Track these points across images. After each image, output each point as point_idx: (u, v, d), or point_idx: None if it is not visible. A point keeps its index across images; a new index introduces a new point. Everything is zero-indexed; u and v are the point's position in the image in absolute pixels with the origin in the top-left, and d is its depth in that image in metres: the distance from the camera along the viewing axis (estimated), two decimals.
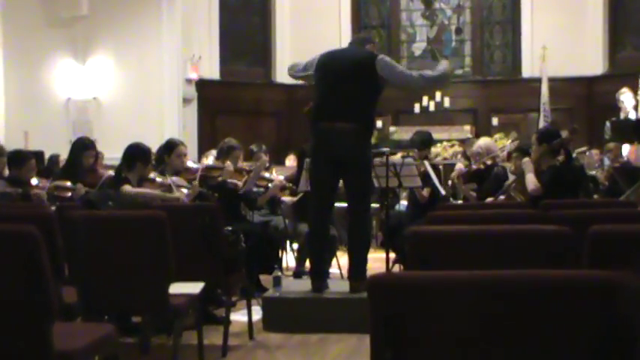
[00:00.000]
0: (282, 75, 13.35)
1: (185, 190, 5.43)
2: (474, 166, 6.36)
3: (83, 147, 5.98)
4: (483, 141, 6.72)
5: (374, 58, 5.05)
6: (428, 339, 1.70)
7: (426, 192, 6.29)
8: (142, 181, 5.10)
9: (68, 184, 5.52)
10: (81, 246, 3.62)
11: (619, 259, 2.54)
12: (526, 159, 5.48)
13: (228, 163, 6.04)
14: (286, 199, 6.99)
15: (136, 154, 5.09)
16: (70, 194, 5.47)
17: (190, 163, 6.12)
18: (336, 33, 13.07)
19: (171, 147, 5.85)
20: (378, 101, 5.13)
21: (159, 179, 5.28)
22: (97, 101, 10.98)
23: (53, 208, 4.86)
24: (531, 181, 5.29)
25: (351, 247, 5.13)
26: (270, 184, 6.43)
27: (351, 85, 4.95)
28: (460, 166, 6.54)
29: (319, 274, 5.14)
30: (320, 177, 5.06)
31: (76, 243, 3.65)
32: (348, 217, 5.14)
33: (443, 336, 1.70)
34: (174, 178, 5.49)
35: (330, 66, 5.06)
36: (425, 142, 6.76)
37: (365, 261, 5.09)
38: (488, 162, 6.32)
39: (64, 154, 8.08)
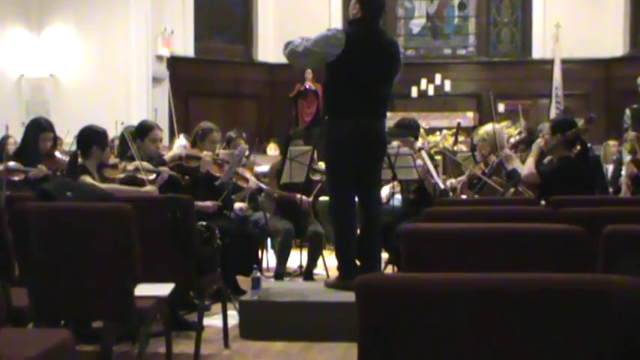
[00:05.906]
0: (264, 53, 13.35)
1: (152, 176, 5.40)
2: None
3: (39, 128, 5.91)
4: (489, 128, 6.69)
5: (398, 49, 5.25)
6: (422, 348, 1.71)
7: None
8: (102, 167, 5.07)
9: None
10: (34, 242, 3.60)
11: (637, 263, 2.55)
12: (538, 140, 5.48)
13: (206, 153, 6.01)
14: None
15: (90, 137, 5.05)
16: (22, 177, 5.43)
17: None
18: (325, 6, 13.07)
19: (145, 130, 5.82)
20: None
21: (121, 166, 5.25)
22: (55, 79, 10.90)
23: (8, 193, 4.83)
24: (527, 166, 5.29)
25: (373, 239, 5.24)
26: (245, 186, 6.40)
27: (388, 84, 5.12)
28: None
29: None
30: (349, 171, 5.10)
31: (28, 238, 3.63)
32: (370, 205, 5.25)
33: (438, 345, 1.71)
34: (142, 163, 5.46)
35: (366, 59, 4.99)
36: (414, 129, 6.78)
37: None
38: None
39: (16, 139, 8.03)
